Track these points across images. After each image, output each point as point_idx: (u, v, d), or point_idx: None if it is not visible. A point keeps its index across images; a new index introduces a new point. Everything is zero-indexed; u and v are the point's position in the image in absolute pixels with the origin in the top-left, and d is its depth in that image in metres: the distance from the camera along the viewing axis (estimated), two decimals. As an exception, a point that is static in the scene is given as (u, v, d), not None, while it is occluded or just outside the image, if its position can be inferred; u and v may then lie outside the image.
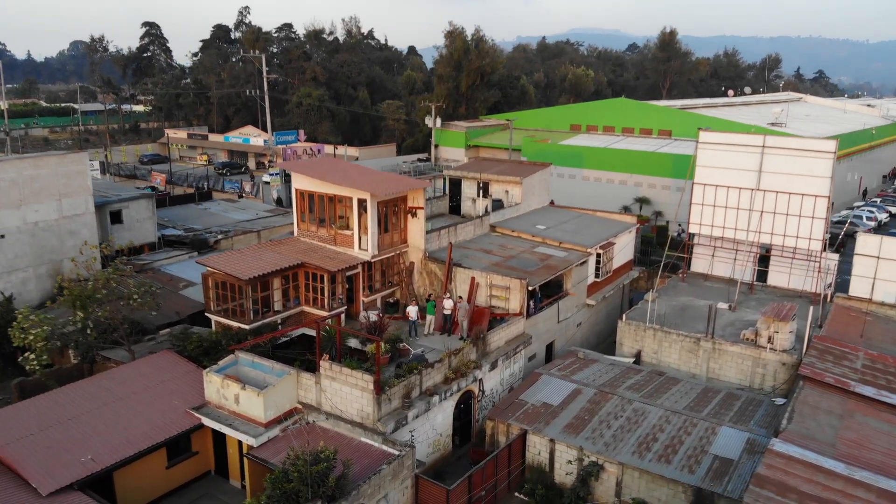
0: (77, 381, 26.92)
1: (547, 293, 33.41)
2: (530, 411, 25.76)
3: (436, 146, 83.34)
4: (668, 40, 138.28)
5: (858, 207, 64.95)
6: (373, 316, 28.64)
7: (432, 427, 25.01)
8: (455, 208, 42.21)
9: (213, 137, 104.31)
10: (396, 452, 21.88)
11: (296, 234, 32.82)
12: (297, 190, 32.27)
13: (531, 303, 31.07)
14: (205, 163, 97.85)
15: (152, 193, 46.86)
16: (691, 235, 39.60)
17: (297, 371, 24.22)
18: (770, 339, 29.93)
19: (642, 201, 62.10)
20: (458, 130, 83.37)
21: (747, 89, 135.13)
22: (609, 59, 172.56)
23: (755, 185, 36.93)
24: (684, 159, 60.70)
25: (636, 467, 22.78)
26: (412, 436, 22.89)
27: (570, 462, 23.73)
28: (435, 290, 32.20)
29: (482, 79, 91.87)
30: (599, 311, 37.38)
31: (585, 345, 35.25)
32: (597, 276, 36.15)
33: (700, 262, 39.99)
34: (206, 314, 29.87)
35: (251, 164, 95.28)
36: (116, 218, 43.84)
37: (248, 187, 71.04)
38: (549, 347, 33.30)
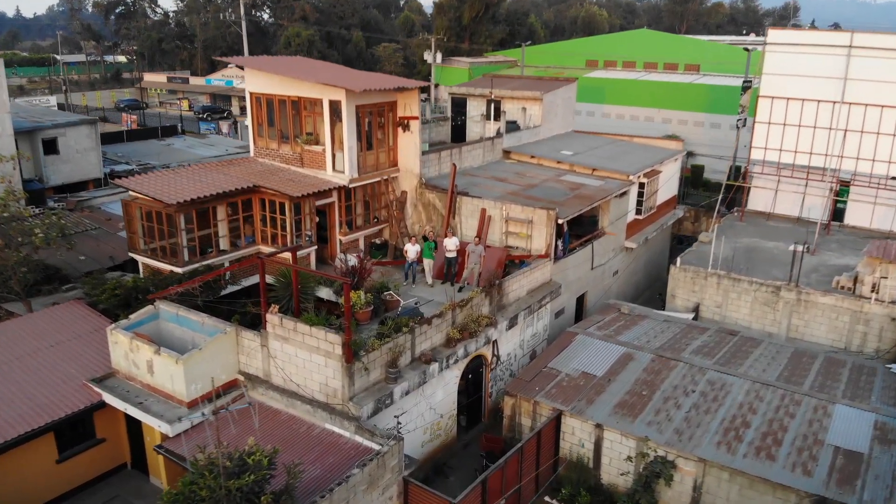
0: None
1: (576, 233, 26.04)
2: (565, 384, 18.61)
3: (436, 86, 74.98)
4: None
5: None
6: (352, 259, 21.41)
7: (429, 406, 17.88)
8: (459, 134, 34.61)
9: (195, 81, 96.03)
10: (375, 447, 14.80)
11: (252, 153, 25.38)
12: (251, 95, 24.70)
13: (559, 243, 23.73)
14: (186, 108, 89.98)
15: (95, 119, 39.13)
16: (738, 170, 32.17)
17: (236, 328, 17.01)
18: (875, 288, 22.70)
19: (672, 139, 54.26)
20: (460, 67, 74.87)
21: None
22: (619, 5, 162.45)
23: (838, 97, 29.30)
24: (722, 91, 53.14)
25: (725, 466, 15.69)
26: (398, 423, 15.64)
27: (627, 458, 16.61)
28: (435, 227, 24.87)
29: (487, 10, 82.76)
30: (639, 256, 30.04)
31: (622, 298, 28.02)
32: (638, 212, 28.73)
33: (759, 199, 32.52)
34: (130, 254, 22.61)
35: (234, 108, 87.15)
36: (51, 147, 36.40)
37: (225, 128, 63.40)
38: (580, 301, 26.09)
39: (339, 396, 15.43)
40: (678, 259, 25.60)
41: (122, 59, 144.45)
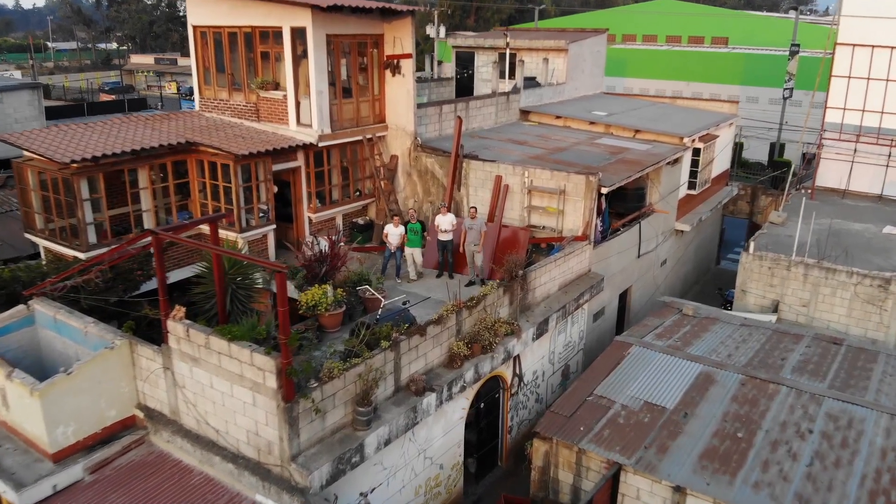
0: None
1: (616, 211, 20.24)
2: (622, 421, 12.82)
3: (439, 63, 69.05)
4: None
5: None
6: (323, 242, 15.72)
7: (423, 456, 12.14)
8: (465, 93, 28.86)
9: (183, 62, 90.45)
10: (332, 539, 9.09)
11: (197, 107, 19.68)
12: (194, 29, 18.96)
13: (598, 222, 17.94)
14: (174, 91, 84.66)
15: (38, 84, 33.48)
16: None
17: (129, 341, 11.28)
18: None
19: (724, 102, 48.41)
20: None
21: (792, 13, 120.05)
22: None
23: (941, 42, 23.44)
24: (761, 60, 47.27)
25: (888, 562, 9.94)
26: (368, 502, 9.76)
27: (729, 545, 10.84)
28: (433, 203, 19.16)
29: (495, -17, 76.96)
30: (688, 242, 24.27)
31: (670, 294, 22.27)
32: (691, 186, 22.95)
33: (831, 173, 26.59)
34: (26, 234, 16.97)
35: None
36: (-17, 117, 30.80)
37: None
38: (622, 299, 20.33)
39: (276, 453, 9.69)
40: (751, 244, 19.77)
41: (114, 45, 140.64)
